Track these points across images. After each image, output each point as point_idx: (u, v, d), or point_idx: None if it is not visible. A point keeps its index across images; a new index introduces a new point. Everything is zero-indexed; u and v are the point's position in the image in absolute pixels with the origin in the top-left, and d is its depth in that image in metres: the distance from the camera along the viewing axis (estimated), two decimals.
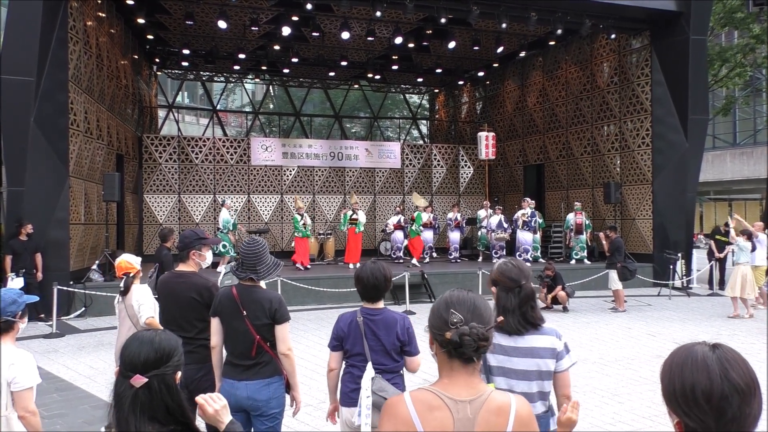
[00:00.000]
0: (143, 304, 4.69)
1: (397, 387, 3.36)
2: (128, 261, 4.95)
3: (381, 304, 3.56)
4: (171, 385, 1.86)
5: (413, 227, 16.35)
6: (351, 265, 15.08)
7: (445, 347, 1.76)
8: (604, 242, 12.79)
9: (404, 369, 3.56)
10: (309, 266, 15.08)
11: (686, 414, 1.43)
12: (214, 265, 13.35)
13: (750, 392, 1.41)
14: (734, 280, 11.55)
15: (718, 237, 15.55)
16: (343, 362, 3.57)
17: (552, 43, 18.17)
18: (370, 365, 3.35)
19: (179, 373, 1.93)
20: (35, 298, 3.37)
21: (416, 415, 1.70)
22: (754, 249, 11.88)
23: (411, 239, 16.30)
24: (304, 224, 15.13)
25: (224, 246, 14.23)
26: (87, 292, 11.45)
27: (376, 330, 3.44)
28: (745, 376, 1.42)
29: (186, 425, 1.86)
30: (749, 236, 11.98)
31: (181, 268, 4.23)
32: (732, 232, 12.10)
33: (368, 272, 3.51)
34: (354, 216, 15.57)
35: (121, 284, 4.90)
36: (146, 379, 1.81)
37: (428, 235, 16.68)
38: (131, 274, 4.91)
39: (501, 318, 1.89)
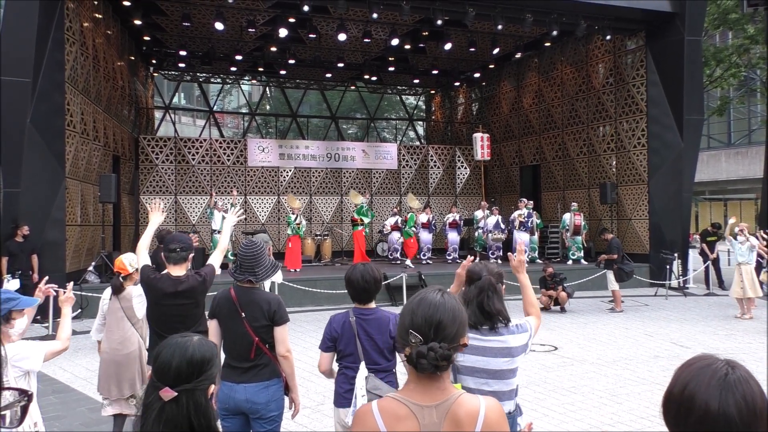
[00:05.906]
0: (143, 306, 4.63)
1: (391, 385, 3.37)
2: (123, 262, 4.88)
3: (373, 305, 3.57)
4: (200, 403, 1.74)
5: (405, 228, 16.35)
6: None
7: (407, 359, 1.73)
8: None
9: (397, 367, 3.56)
10: (298, 270, 14.95)
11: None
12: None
13: (746, 430, 1.29)
14: (750, 280, 11.28)
15: (708, 239, 15.53)
16: (336, 364, 3.57)
17: (547, 44, 18.22)
18: (363, 365, 3.37)
19: (213, 387, 1.80)
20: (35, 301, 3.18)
21: (384, 426, 1.68)
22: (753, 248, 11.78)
23: (405, 240, 16.29)
24: (298, 224, 15.19)
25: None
26: (83, 293, 11.41)
27: (369, 330, 3.44)
28: (747, 411, 1.29)
29: None
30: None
31: (175, 271, 4.06)
32: (733, 233, 11.96)
33: (358, 275, 3.51)
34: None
35: (113, 282, 4.90)
36: (175, 394, 1.71)
37: (426, 236, 16.68)
38: (122, 275, 4.85)
39: (466, 340, 1.80)
